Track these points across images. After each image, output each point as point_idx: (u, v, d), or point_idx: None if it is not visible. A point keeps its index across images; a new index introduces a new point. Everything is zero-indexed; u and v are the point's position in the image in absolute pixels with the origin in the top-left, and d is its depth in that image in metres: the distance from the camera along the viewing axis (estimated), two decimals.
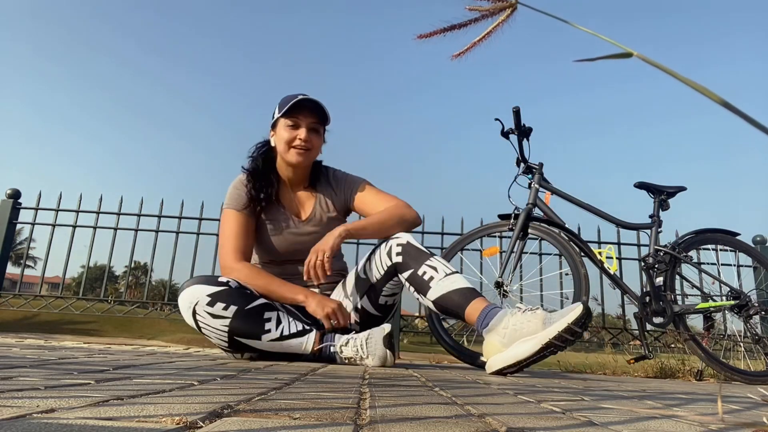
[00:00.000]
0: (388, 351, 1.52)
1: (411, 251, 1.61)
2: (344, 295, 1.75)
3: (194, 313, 1.50)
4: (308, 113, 1.75)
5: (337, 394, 0.74)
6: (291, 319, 1.58)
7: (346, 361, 1.54)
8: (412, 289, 1.61)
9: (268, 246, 1.82)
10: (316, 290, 1.84)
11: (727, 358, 2.33)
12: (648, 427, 0.58)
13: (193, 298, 1.50)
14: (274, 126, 1.82)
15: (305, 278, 1.59)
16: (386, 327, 1.57)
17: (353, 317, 1.71)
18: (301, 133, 1.74)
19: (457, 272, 1.58)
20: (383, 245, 1.67)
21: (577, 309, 1.36)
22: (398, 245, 1.63)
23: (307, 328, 1.57)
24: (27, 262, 4.04)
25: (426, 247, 1.64)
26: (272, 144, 1.82)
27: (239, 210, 1.75)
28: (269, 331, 1.52)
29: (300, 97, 1.73)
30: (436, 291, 1.54)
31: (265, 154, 1.84)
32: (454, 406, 0.67)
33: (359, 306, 1.71)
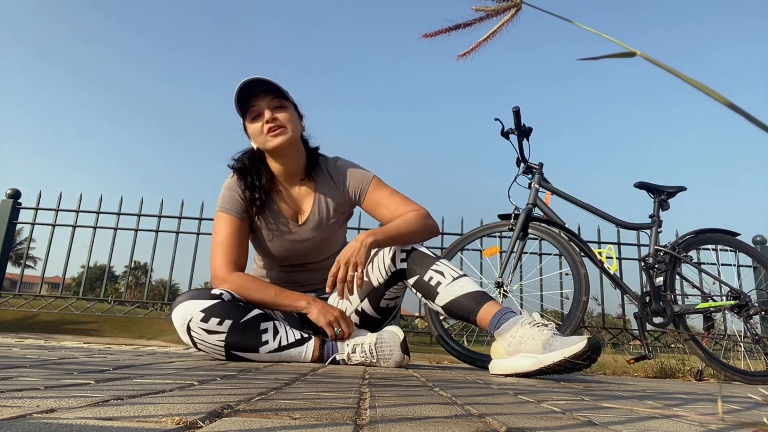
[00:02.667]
0: (405, 356, 1.53)
1: (416, 256, 1.58)
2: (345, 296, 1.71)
3: (189, 329, 1.44)
4: (262, 95, 1.63)
5: (337, 394, 0.74)
6: (288, 327, 1.53)
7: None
8: (419, 294, 1.59)
9: (265, 251, 1.75)
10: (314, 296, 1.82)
11: (727, 358, 2.33)
12: (648, 427, 0.58)
13: (186, 315, 1.44)
14: (246, 131, 1.71)
15: (328, 290, 1.51)
16: (398, 332, 1.55)
17: (354, 320, 1.68)
18: (266, 115, 1.62)
19: (464, 275, 1.55)
20: (387, 249, 1.62)
21: (579, 344, 1.29)
22: (403, 251, 1.60)
23: (306, 336, 1.52)
24: (27, 262, 4.03)
25: (427, 248, 1.62)
26: (255, 148, 1.71)
27: (232, 214, 1.65)
28: (267, 342, 1.47)
29: (238, 86, 1.60)
30: (444, 296, 1.52)
31: (250, 156, 1.73)
32: (454, 406, 0.67)
33: (360, 308, 1.67)
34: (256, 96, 1.63)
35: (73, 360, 1.18)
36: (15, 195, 3.51)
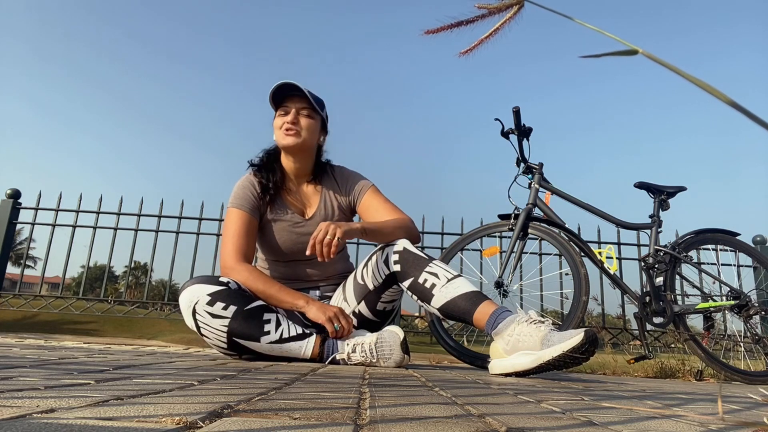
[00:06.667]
0: (405, 355, 1.53)
1: (409, 258, 1.59)
2: (343, 298, 1.73)
3: (194, 312, 1.47)
4: (297, 99, 1.78)
5: (337, 394, 0.74)
6: (290, 321, 1.55)
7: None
8: (414, 297, 1.61)
9: (272, 244, 1.80)
10: (317, 292, 1.84)
11: (727, 358, 2.33)
12: (648, 427, 0.58)
13: (193, 297, 1.48)
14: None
15: (308, 252, 1.50)
16: (398, 332, 1.56)
17: (353, 322, 1.69)
18: (289, 116, 1.76)
19: (459, 275, 1.56)
20: (380, 253, 1.65)
21: (576, 338, 1.30)
22: (395, 252, 1.61)
23: (307, 332, 1.53)
24: (27, 262, 4.03)
25: (426, 248, 1.63)
26: (274, 144, 1.86)
27: (244, 210, 1.74)
28: (268, 333, 1.49)
29: (275, 85, 1.74)
30: (440, 298, 1.53)
31: (270, 153, 1.88)
32: (454, 406, 0.67)
33: (357, 311, 1.70)
34: (291, 98, 1.79)
35: (73, 360, 1.18)
36: (15, 195, 3.51)
